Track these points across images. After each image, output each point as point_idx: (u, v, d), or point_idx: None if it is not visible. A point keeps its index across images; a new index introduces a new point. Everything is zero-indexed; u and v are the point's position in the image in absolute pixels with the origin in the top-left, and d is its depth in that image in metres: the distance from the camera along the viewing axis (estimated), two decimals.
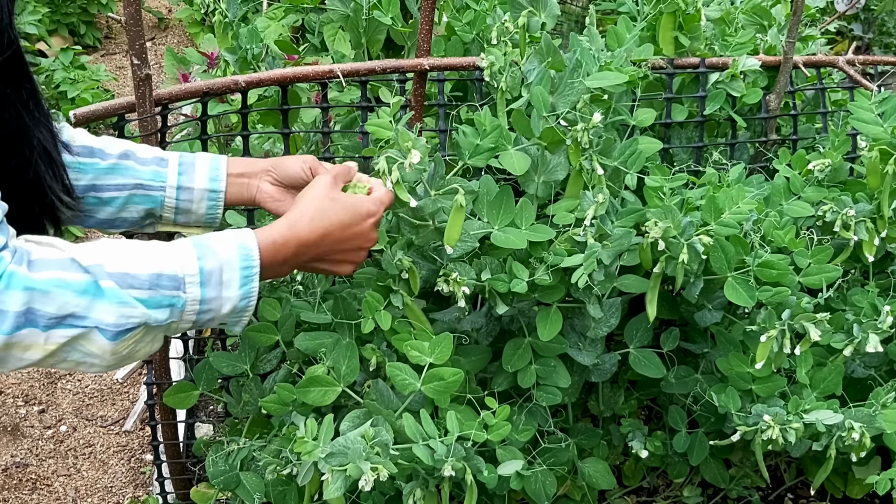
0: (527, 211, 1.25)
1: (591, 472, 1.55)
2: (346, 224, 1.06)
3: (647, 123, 1.46)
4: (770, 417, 1.30)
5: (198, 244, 0.96)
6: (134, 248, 0.93)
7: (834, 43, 3.30)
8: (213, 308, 0.96)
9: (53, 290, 0.85)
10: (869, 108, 1.43)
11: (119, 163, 1.16)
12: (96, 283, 0.87)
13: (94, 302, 0.87)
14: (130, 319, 0.89)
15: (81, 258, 0.88)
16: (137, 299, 0.90)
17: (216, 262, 0.95)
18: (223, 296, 0.96)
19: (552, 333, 1.30)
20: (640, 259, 1.30)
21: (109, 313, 0.88)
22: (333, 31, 2.02)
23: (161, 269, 0.92)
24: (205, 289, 0.94)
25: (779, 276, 1.28)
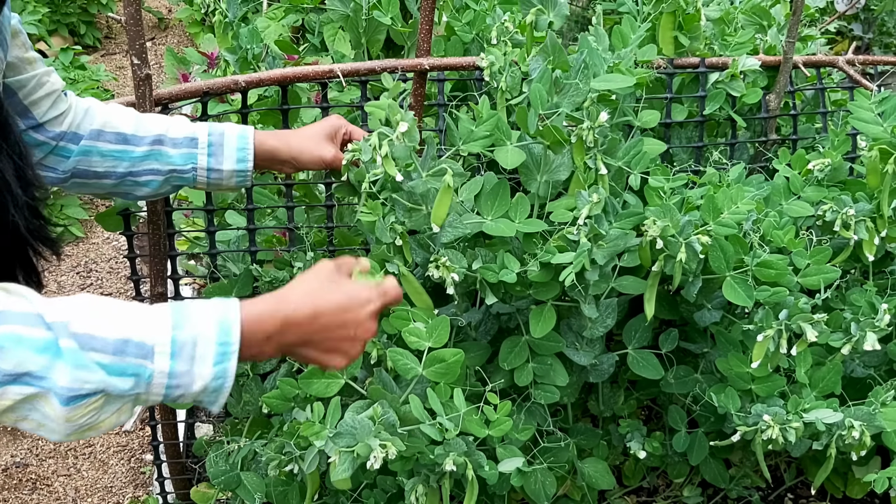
0: (522, 205, 1.26)
1: (590, 472, 1.55)
2: (342, 307, 0.94)
3: (651, 124, 1.46)
4: (770, 417, 1.30)
5: (176, 311, 0.86)
6: (106, 308, 0.85)
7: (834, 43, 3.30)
8: (183, 384, 0.86)
9: (11, 347, 0.79)
10: (869, 107, 1.43)
11: (153, 149, 1.25)
12: (56, 343, 0.81)
13: (52, 362, 0.80)
14: (86, 385, 0.81)
15: (47, 314, 0.81)
16: (98, 363, 0.82)
17: (191, 333, 0.85)
18: (194, 371, 0.85)
19: (545, 330, 1.30)
20: (640, 257, 1.30)
21: (64, 375, 0.80)
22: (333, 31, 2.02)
23: (129, 335, 0.83)
24: (175, 361, 0.84)
25: (777, 276, 1.28)
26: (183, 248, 1.95)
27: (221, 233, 1.65)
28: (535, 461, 1.47)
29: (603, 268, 1.25)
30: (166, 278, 1.55)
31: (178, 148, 1.25)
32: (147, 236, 1.48)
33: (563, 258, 1.21)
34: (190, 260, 2.28)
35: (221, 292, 1.47)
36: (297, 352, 0.95)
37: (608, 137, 1.28)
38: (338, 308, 0.94)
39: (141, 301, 1.61)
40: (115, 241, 2.99)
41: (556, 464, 1.47)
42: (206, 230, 1.57)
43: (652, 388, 1.58)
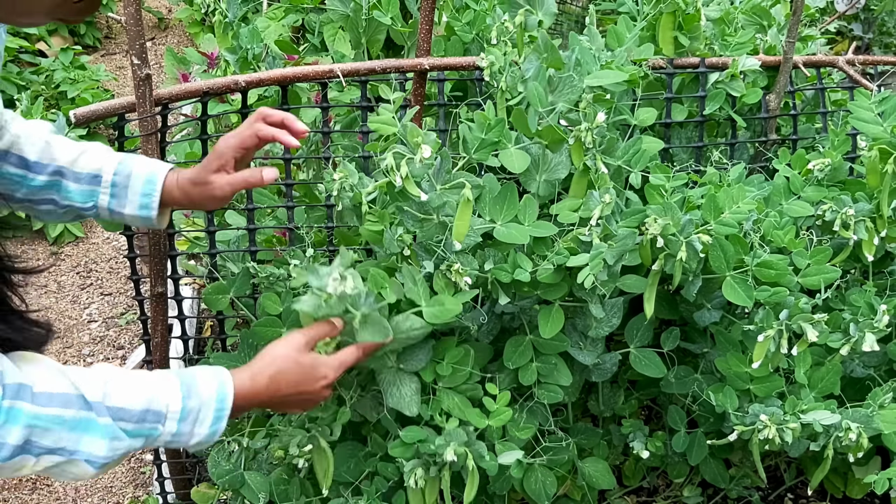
0: (530, 208, 1.26)
1: (591, 472, 1.55)
2: (299, 384, 1.13)
3: (648, 123, 1.46)
4: (766, 417, 1.30)
5: (185, 382, 1.04)
6: (130, 380, 1.01)
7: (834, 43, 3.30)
8: (182, 440, 1.05)
9: (53, 427, 0.93)
10: (869, 107, 1.43)
11: (53, 180, 1.18)
12: (94, 421, 0.96)
13: (84, 436, 0.95)
14: (117, 452, 0.98)
15: (87, 392, 0.96)
16: (124, 430, 0.98)
17: (198, 402, 1.04)
18: (194, 431, 1.04)
19: (554, 331, 1.30)
20: (640, 256, 1.30)
21: (101, 447, 0.96)
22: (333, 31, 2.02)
23: (150, 405, 1.00)
24: (181, 424, 1.03)
25: (777, 277, 1.28)
26: (183, 248, 1.95)
27: (221, 233, 1.65)
28: (535, 460, 1.47)
29: (612, 267, 1.25)
30: (166, 278, 1.55)
31: (80, 183, 1.19)
32: (147, 236, 1.48)
33: (577, 261, 1.21)
34: (190, 260, 2.28)
35: (220, 291, 1.47)
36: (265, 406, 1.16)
37: (606, 137, 1.28)
38: (296, 384, 1.13)
39: (141, 301, 1.61)
40: (115, 241, 2.98)
41: (556, 464, 1.47)
42: (206, 230, 1.57)
43: (652, 388, 1.58)
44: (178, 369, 1.08)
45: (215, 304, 1.48)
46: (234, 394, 1.07)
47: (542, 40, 1.29)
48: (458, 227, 1.20)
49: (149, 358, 1.62)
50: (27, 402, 0.91)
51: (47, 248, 2.94)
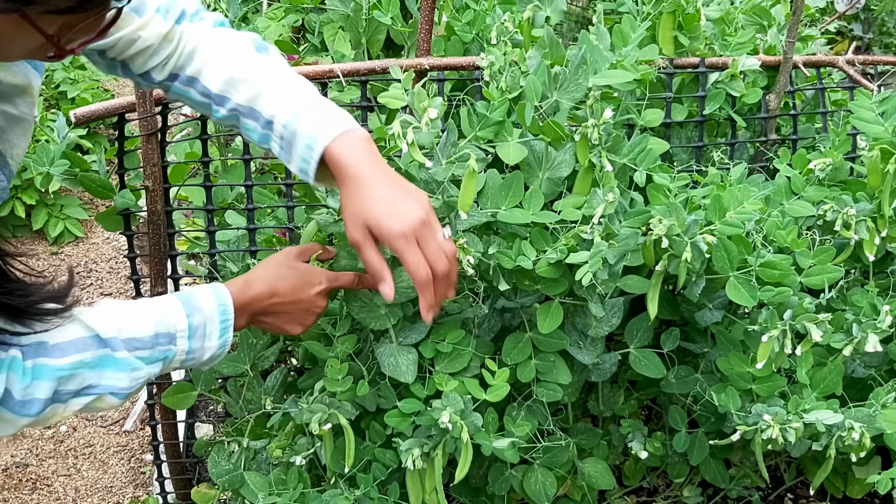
0: (536, 198, 1.26)
1: (590, 472, 1.55)
2: (295, 288, 1.15)
3: (654, 124, 1.46)
4: (770, 417, 1.30)
5: (185, 301, 1.07)
6: (136, 309, 1.04)
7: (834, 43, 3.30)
8: (196, 357, 1.08)
9: (76, 372, 0.97)
10: (869, 107, 1.43)
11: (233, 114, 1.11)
12: (112, 357, 1.00)
13: (106, 371, 0.99)
14: (138, 380, 1.02)
15: (102, 331, 0.99)
16: (141, 359, 1.02)
17: (201, 317, 1.07)
18: (205, 346, 1.08)
19: (552, 327, 1.30)
20: (644, 257, 1.30)
21: (122, 380, 1.00)
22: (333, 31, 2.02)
23: (158, 329, 1.03)
24: (192, 341, 1.06)
25: (781, 277, 1.28)
26: (183, 248, 1.95)
27: (221, 233, 1.65)
28: (535, 460, 1.47)
29: (613, 267, 1.25)
30: (166, 278, 1.55)
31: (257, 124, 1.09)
32: (147, 236, 1.48)
33: (577, 258, 1.21)
34: (190, 260, 2.28)
35: None
36: (261, 321, 1.16)
37: (612, 135, 1.28)
38: (292, 289, 1.14)
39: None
40: (115, 241, 2.98)
41: (555, 464, 1.47)
42: (206, 230, 1.57)
43: (652, 388, 1.58)
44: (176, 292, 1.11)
45: None
46: (233, 300, 1.09)
47: (548, 37, 1.29)
48: (463, 197, 1.20)
49: None
50: (48, 357, 0.95)
51: (47, 248, 2.94)
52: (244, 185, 1.52)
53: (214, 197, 1.56)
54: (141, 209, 1.50)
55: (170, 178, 1.51)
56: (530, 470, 1.47)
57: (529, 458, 1.48)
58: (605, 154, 1.26)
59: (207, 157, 1.56)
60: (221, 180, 1.68)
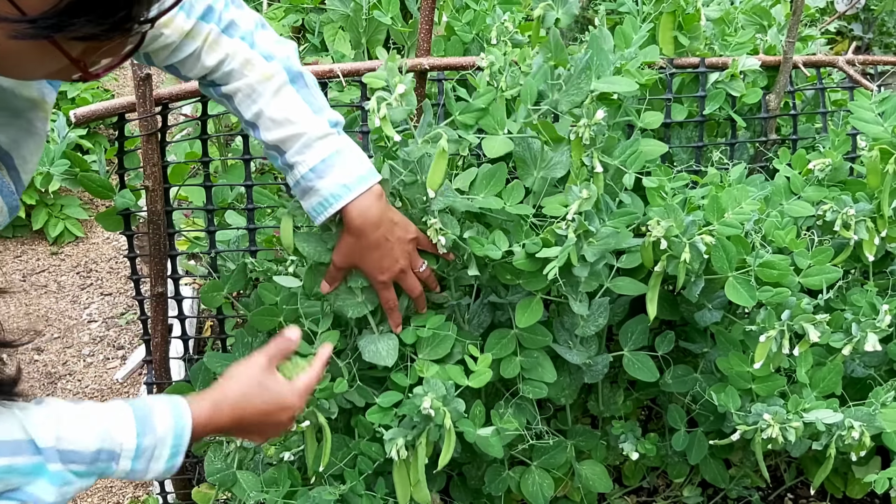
0: (517, 191, 1.28)
1: (588, 475, 1.54)
2: (265, 413, 1.10)
3: (653, 126, 1.46)
4: (770, 416, 1.30)
5: (139, 417, 0.99)
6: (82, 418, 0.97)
7: (834, 43, 3.30)
8: (137, 477, 1.01)
9: (3, 477, 0.89)
10: (869, 107, 1.43)
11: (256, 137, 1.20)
12: (44, 467, 0.92)
13: (35, 480, 0.92)
14: (67, 495, 0.94)
15: (38, 438, 0.92)
16: (75, 472, 0.94)
17: (153, 439, 0.99)
18: (149, 468, 1.00)
19: (529, 321, 1.30)
20: (642, 258, 1.30)
21: (50, 493, 0.92)
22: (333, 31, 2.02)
23: (102, 445, 0.96)
24: (135, 462, 0.99)
25: (779, 277, 1.28)
26: (183, 248, 1.95)
27: (221, 233, 1.65)
28: (531, 461, 1.47)
29: (594, 265, 1.25)
30: (166, 278, 1.55)
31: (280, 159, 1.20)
32: (147, 236, 1.48)
33: (548, 252, 1.22)
34: (190, 260, 2.28)
35: (215, 289, 1.47)
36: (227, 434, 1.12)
37: (605, 135, 1.28)
38: (261, 413, 1.09)
39: (141, 301, 1.61)
40: (115, 241, 2.98)
41: (552, 466, 1.47)
42: (206, 230, 1.57)
43: (651, 388, 1.58)
44: (133, 399, 1.04)
45: (211, 302, 1.48)
46: (193, 425, 1.03)
47: (553, 39, 1.30)
48: (432, 176, 1.22)
49: (149, 358, 1.62)
50: None
51: (47, 248, 2.94)
52: (244, 185, 1.53)
53: (214, 197, 1.56)
54: (141, 209, 1.50)
55: (170, 178, 1.51)
56: (527, 471, 1.47)
57: (526, 459, 1.48)
58: (598, 155, 1.26)
59: (207, 157, 1.56)
60: (221, 180, 1.68)
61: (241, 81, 1.15)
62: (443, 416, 1.22)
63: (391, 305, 1.29)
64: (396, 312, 1.30)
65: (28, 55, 0.72)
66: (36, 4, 0.66)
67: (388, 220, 1.21)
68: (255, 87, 1.15)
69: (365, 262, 1.23)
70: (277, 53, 1.17)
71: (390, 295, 1.27)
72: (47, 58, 0.73)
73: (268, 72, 1.15)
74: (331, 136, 1.18)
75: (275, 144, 1.17)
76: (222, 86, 1.17)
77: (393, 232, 1.22)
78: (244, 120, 1.19)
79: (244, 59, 1.15)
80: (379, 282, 1.25)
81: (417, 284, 1.28)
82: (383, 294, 1.27)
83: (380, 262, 1.23)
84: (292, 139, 1.16)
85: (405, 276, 1.26)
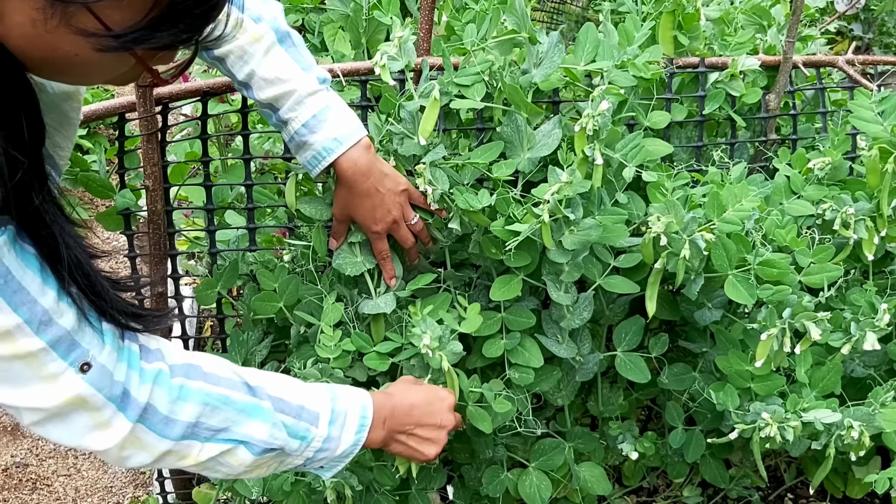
0: (508, 165, 1.32)
1: (587, 477, 1.54)
2: (428, 401, 1.20)
3: (660, 125, 1.46)
4: (768, 415, 1.30)
5: (330, 389, 1.10)
6: (283, 378, 1.06)
7: (834, 43, 3.30)
8: (330, 448, 1.07)
9: (220, 406, 0.96)
10: (869, 107, 1.43)
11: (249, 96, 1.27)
12: (259, 406, 0.99)
13: (248, 419, 0.98)
14: (276, 441, 1.00)
15: (249, 379, 1.00)
16: (284, 424, 1.01)
17: (344, 406, 1.08)
18: (341, 437, 1.07)
19: (504, 295, 1.32)
20: (643, 254, 1.30)
21: (263, 432, 0.99)
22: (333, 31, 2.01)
23: (304, 403, 1.04)
24: (331, 427, 1.06)
25: (779, 275, 1.28)
26: (183, 248, 1.95)
27: (221, 232, 1.65)
28: (528, 463, 1.47)
29: (575, 255, 1.28)
30: (166, 278, 1.55)
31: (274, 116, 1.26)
32: (147, 236, 1.48)
33: (517, 227, 1.24)
34: (190, 260, 2.28)
35: (209, 286, 1.47)
36: (400, 440, 1.18)
37: (609, 128, 1.29)
38: (425, 401, 1.19)
39: (141, 300, 1.61)
40: (116, 241, 2.99)
41: (550, 468, 1.46)
42: (206, 230, 1.57)
43: (651, 388, 1.58)
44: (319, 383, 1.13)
45: (206, 300, 1.49)
46: (374, 402, 1.12)
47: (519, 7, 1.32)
48: (423, 124, 1.30)
49: None
50: (199, 380, 0.95)
51: None
52: (244, 185, 1.53)
53: (214, 197, 1.56)
54: (141, 209, 1.50)
55: (170, 177, 1.51)
56: (525, 473, 1.47)
57: (524, 461, 1.48)
58: (599, 147, 1.27)
59: (207, 157, 1.56)
60: (221, 180, 1.68)
61: (233, 44, 1.19)
62: (439, 361, 1.24)
63: (384, 256, 1.34)
64: (389, 263, 1.35)
65: (100, 64, 0.74)
66: (120, 20, 0.68)
67: (378, 170, 1.26)
68: (245, 48, 1.20)
69: (358, 212, 1.29)
70: (265, 14, 1.21)
71: (383, 245, 1.33)
72: (115, 66, 0.76)
73: (257, 33, 1.20)
74: (320, 93, 1.24)
75: (268, 103, 1.24)
76: (214, 49, 1.20)
77: (383, 182, 1.27)
78: (237, 80, 1.24)
79: (234, 21, 1.19)
80: (372, 232, 1.30)
81: (410, 236, 1.33)
82: (377, 245, 1.33)
83: (372, 213, 1.28)
84: (284, 97, 1.23)
85: (398, 227, 1.31)
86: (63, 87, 0.93)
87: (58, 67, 0.73)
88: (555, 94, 1.47)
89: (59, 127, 0.94)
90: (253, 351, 1.46)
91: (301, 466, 1.09)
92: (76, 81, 0.83)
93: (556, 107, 1.47)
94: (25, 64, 0.73)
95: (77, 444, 0.89)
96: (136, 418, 0.90)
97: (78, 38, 0.68)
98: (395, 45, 1.35)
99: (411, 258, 1.38)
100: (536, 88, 1.38)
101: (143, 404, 0.90)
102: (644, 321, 1.43)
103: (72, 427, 0.87)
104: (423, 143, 1.31)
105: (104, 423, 0.88)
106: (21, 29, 0.68)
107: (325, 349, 1.31)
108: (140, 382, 0.90)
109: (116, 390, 0.88)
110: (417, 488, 1.48)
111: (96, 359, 0.85)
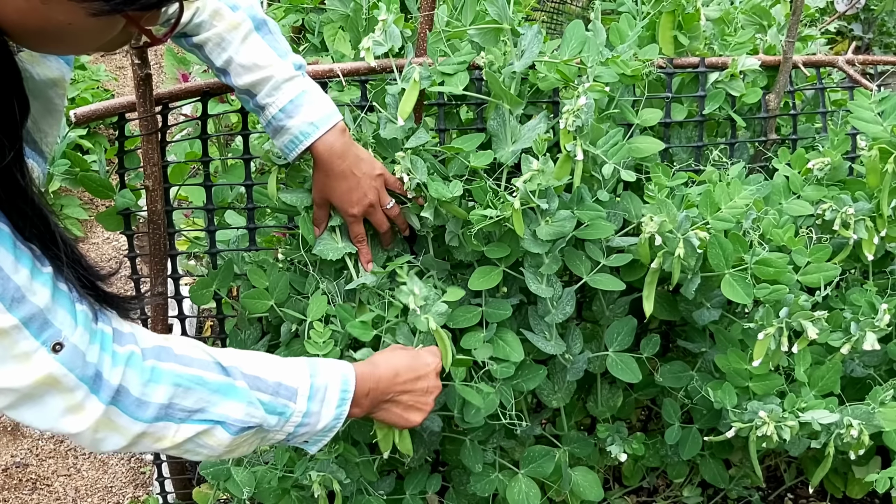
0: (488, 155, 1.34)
1: (579, 482, 1.52)
2: (413, 367, 1.19)
3: (650, 123, 1.46)
4: (765, 414, 1.30)
5: (310, 363, 1.09)
6: (260, 356, 1.06)
7: (834, 43, 3.30)
8: (311, 423, 1.07)
9: (194, 387, 0.96)
10: (869, 107, 1.43)
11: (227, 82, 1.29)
12: (233, 385, 0.99)
13: (224, 399, 0.98)
14: (253, 419, 1.01)
15: (222, 360, 1.00)
16: (260, 401, 1.01)
17: (323, 380, 1.08)
18: (321, 412, 1.07)
19: (483, 285, 1.33)
20: (640, 254, 1.30)
21: (238, 411, 0.99)
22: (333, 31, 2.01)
23: (282, 379, 1.04)
24: (310, 402, 1.06)
25: (776, 274, 1.28)
26: (183, 248, 1.95)
27: (221, 232, 1.65)
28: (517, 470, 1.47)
29: (552, 248, 1.30)
30: (166, 278, 1.55)
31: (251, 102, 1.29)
32: (147, 236, 1.48)
33: (483, 212, 1.26)
34: (190, 260, 2.29)
35: (204, 286, 1.48)
36: (385, 408, 1.18)
37: (590, 123, 1.29)
38: (409, 367, 1.18)
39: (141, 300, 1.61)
40: (116, 241, 2.99)
41: (540, 474, 1.45)
42: (206, 230, 1.57)
43: (651, 388, 1.57)
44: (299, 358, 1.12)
45: (201, 299, 1.49)
46: (356, 373, 1.11)
47: None
48: (403, 105, 1.33)
49: None
50: (171, 362, 0.95)
51: None
52: (244, 185, 1.53)
53: (214, 197, 1.56)
54: (141, 209, 1.50)
55: (170, 177, 1.52)
56: (514, 479, 1.46)
57: (513, 466, 1.47)
58: (581, 143, 1.28)
59: (207, 157, 1.56)
60: (221, 180, 1.68)
61: (211, 31, 1.23)
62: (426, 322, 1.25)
63: (360, 239, 1.35)
64: (366, 247, 1.36)
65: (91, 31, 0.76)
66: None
67: (354, 154, 1.29)
68: (223, 36, 1.23)
69: (335, 195, 1.30)
70: (242, 3, 1.25)
71: (359, 229, 1.34)
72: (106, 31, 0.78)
73: (234, 20, 1.23)
74: (297, 79, 1.27)
75: (246, 88, 1.26)
76: (193, 36, 1.24)
77: (359, 166, 1.29)
78: (215, 67, 1.27)
79: (213, 9, 1.23)
80: (349, 215, 1.32)
81: (385, 221, 1.35)
82: (353, 228, 1.34)
83: (349, 195, 1.30)
84: (262, 83, 1.25)
85: (374, 211, 1.32)
86: (48, 74, 0.94)
87: (51, 37, 0.76)
88: (555, 94, 1.47)
89: (44, 114, 0.96)
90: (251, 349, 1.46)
91: (285, 441, 1.09)
92: (69, 51, 0.85)
93: (557, 107, 1.47)
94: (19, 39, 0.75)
95: (50, 427, 0.89)
96: (108, 400, 0.90)
97: (71, 4, 0.71)
98: (381, 29, 1.38)
99: (385, 243, 1.39)
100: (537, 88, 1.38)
101: (115, 386, 0.91)
102: (636, 321, 1.43)
103: (45, 409, 0.87)
104: (401, 124, 1.33)
105: (77, 406, 0.88)
106: (15, 3, 0.71)
107: (314, 345, 1.31)
108: (112, 364, 0.91)
109: (89, 371, 0.88)
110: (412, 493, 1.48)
111: (69, 339, 0.85)
